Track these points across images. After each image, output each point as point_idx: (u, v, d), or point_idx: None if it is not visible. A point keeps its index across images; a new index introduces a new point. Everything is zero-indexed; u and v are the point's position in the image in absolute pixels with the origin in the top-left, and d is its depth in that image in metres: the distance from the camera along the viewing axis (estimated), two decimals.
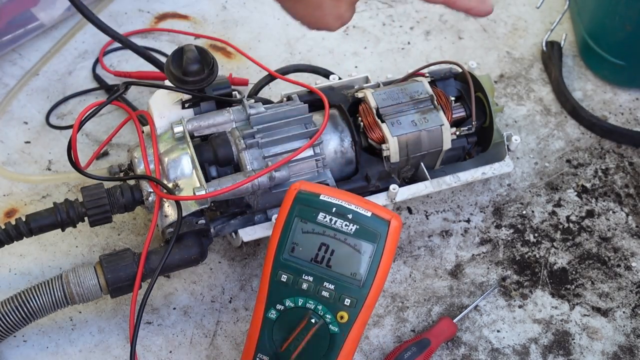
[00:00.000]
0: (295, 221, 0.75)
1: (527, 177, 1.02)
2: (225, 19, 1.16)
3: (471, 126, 0.93)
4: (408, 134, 0.89)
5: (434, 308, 0.90)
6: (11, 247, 0.85)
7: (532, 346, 0.88)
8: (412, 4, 1.19)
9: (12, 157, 1.00)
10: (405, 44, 1.15)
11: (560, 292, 0.92)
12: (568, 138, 1.06)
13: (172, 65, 0.84)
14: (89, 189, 0.84)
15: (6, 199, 0.96)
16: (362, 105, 0.92)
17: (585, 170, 1.03)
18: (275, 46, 1.13)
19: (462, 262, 0.94)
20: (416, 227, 0.97)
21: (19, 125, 1.03)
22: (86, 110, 0.81)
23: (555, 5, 1.19)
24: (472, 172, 0.94)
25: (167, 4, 1.17)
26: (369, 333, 0.88)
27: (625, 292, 0.93)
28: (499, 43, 1.15)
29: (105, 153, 1.01)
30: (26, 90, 1.07)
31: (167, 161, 0.84)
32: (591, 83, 1.12)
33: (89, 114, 0.82)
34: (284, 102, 0.93)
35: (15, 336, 0.85)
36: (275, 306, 0.75)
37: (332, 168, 0.89)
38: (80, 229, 0.90)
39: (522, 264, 0.94)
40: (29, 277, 0.90)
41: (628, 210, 0.99)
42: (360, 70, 1.09)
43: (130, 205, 0.85)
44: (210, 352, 0.86)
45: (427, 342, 0.85)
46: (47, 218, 0.83)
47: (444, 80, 0.95)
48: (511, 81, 1.11)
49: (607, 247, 0.96)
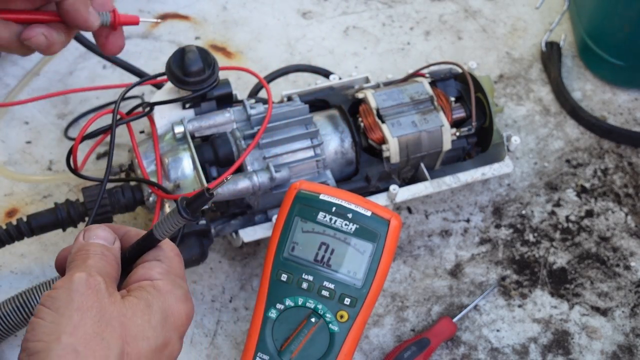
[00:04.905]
0: (296, 220, 0.76)
1: (527, 177, 1.02)
2: (225, 19, 1.16)
3: (471, 127, 0.93)
4: (408, 135, 0.90)
5: (434, 307, 0.91)
6: (12, 246, 0.85)
7: (531, 345, 0.88)
8: (412, 4, 1.19)
9: (13, 157, 1.01)
10: (405, 44, 1.15)
11: (559, 292, 0.93)
12: (567, 138, 1.06)
13: (173, 65, 0.84)
14: (90, 189, 0.84)
15: (7, 199, 0.97)
16: (363, 105, 0.92)
17: (585, 170, 1.03)
18: (275, 46, 1.13)
19: (461, 262, 0.95)
20: (416, 226, 0.97)
21: (20, 125, 1.03)
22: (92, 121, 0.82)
23: (554, 5, 1.19)
24: (472, 173, 0.94)
25: (168, 4, 1.17)
26: (369, 333, 0.88)
27: (625, 291, 0.93)
28: (499, 43, 1.16)
29: (106, 153, 1.01)
30: (27, 90, 1.07)
31: (168, 162, 0.84)
32: (590, 83, 1.12)
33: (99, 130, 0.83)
34: (284, 102, 0.94)
35: (16, 336, 0.86)
36: (275, 305, 0.75)
37: (333, 168, 0.90)
38: (81, 228, 0.90)
39: (522, 264, 0.95)
40: (30, 277, 0.91)
41: (627, 210, 1.00)
42: (360, 71, 1.09)
43: (131, 205, 0.85)
44: (210, 352, 0.87)
45: (427, 341, 0.85)
46: (48, 218, 0.84)
47: (444, 81, 0.95)
48: (511, 81, 1.12)
49: (606, 246, 0.97)
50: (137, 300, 0.56)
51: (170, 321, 0.57)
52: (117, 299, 0.55)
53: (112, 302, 0.54)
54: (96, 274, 0.55)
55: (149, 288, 0.57)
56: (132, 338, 0.54)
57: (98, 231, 0.59)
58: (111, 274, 0.57)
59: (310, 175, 0.88)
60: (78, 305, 0.53)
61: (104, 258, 0.58)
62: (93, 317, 0.53)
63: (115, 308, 0.54)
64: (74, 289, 0.53)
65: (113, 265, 0.58)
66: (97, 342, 0.52)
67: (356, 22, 1.17)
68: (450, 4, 1.20)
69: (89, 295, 0.54)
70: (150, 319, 0.55)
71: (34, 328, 0.52)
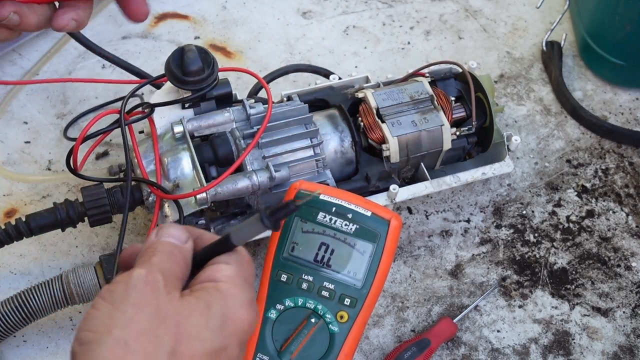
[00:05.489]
0: (295, 220, 0.75)
1: (527, 177, 1.02)
2: (225, 18, 1.16)
3: (471, 126, 0.93)
4: (408, 134, 0.89)
5: (434, 308, 0.90)
6: (11, 247, 0.85)
7: (532, 346, 0.88)
8: (412, 4, 1.19)
9: (12, 157, 1.00)
10: (405, 44, 1.15)
11: (560, 292, 0.92)
12: (568, 138, 1.06)
13: (173, 65, 0.84)
14: (89, 189, 0.84)
15: (6, 199, 0.96)
16: (362, 105, 0.92)
17: (586, 170, 1.03)
18: (275, 46, 1.13)
19: (462, 262, 0.94)
20: (416, 227, 0.97)
21: (19, 125, 1.03)
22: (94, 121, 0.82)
23: (555, 5, 1.19)
24: (472, 172, 0.94)
25: (167, 4, 1.17)
26: (369, 333, 0.88)
27: (626, 292, 0.93)
28: (499, 43, 1.15)
29: (105, 153, 1.01)
30: (26, 90, 1.07)
31: (167, 161, 0.84)
32: (591, 83, 1.12)
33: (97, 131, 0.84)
34: (284, 102, 0.93)
35: (15, 336, 0.85)
36: (275, 306, 0.75)
37: (332, 168, 0.89)
38: (80, 229, 0.90)
39: (522, 264, 0.94)
40: (29, 277, 0.90)
41: (628, 210, 0.99)
42: (360, 70, 1.09)
43: (130, 205, 0.85)
44: None
45: (427, 342, 0.85)
46: (47, 218, 0.83)
47: (444, 81, 0.95)
48: (511, 81, 1.11)
49: (607, 247, 0.96)
50: (197, 300, 0.55)
51: (230, 326, 0.55)
52: (175, 298, 0.54)
53: (169, 299, 0.54)
54: (157, 272, 0.55)
55: (211, 289, 0.56)
56: (187, 337, 0.53)
57: (171, 229, 0.59)
58: (175, 273, 0.57)
59: (309, 174, 0.87)
60: (134, 300, 0.53)
61: (171, 257, 0.57)
62: (148, 314, 0.52)
63: (172, 306, 0.54)
64: (132, 285, 0.53)
65: (180, 265, 0.57)
66: (149, 338, 0.52)
67: (356, 22, 1.17)
68: (450, 3, 1.19)
69: (146, 291, 0.53)
70: (207, 321, 0.54)
71: (88, 318, 0.53)
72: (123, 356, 0.51)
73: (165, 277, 0.55)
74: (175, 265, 0.57)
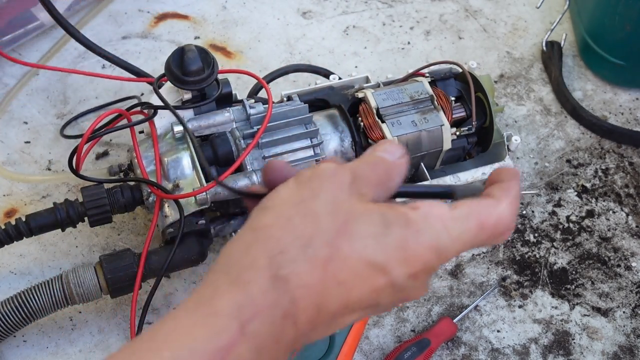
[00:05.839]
0: None
1: (527, 177, 1.02)
2: (225, 18, 1.16)
3: (471, 126, 0.93)
4: (408, 134, 0.89)
5: (434, 308, 0.90)
6: (11, 247, 0.85)
7: (532, 346, 0.88)
8: (412, 4, 1.19)
9: (12, 157, 1.00)
10: (405, 44, 1.15)
11: (560, 292, 0.92)
12: (568, 138, 1.06)
13: (173, 65, 0.84)
14: (89, 189, 0.84)
15: (6, 199, 0.96)
16: (363, 105, 0.92)
17: (586, 170, 1.03)
18: (275, 46, 1.13)
19: (462, 262, 0.94)
20: None
21: (19, 125, 1.03)
22: (99, 121, 0.82)
23: (555, 5, 1.19)
24: (472, 172, 0.94)
25: (167, 4, 1.17)
26: (369, 333, 0.88)
27: (626, 292, 0.93)
28: (499, 43, 1.15)
29: (105, 153, 1.01)
30: (26, 90, 1.07)
31: (167, 161, 0.84)
32: (591, 83, 1.12)
33: (102, 131, 0.84)
34: (284, 102, 0.93)
35: (15, 336, 0.85)
36: None
37: None
38: (80, 229, 0.90)
39: (522, 264, 0.94)
40: (29, 277, 0.90)
41: (628, 210, 0.99)
42: (360, 70, 1.09)
43: (130, 205, 0.85)
44: None
45: (427, 342, 0.85)
46: (47, 218, 0.83)
47: (444, 81, 0.95)
48: (511, 81, 1.11)
49: (607, 247, 0.96)
50: (379, 214, 0.51)
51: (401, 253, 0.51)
52: (357, 198, 0.52)
53: (349, 196, 0.52)
54: (347, 170, 0.53)
55: (400, 212, 0.52)
56: (349, 235, 0.50)
57: (386, 144, 0.56)
58: (370, 179, 0.54)
59: None
60: (314, 185, 0.52)
61: (374, 166, 0.54)
62: (322, 200, 0.51)
63: (350, 204, 0.52)
64: (317, 173, 0.53)
65: (379, 174, 0.54)
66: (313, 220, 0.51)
67: (356, 22, 1.17)
68: (450, 3, 1.19)
69: (328, 182, 0.52)
70: (376, 234, 0.50)
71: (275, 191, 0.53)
72: (281, 227, 0.50)
73: (355, 177, 0.53)
74: (373, 173, 0.54)
